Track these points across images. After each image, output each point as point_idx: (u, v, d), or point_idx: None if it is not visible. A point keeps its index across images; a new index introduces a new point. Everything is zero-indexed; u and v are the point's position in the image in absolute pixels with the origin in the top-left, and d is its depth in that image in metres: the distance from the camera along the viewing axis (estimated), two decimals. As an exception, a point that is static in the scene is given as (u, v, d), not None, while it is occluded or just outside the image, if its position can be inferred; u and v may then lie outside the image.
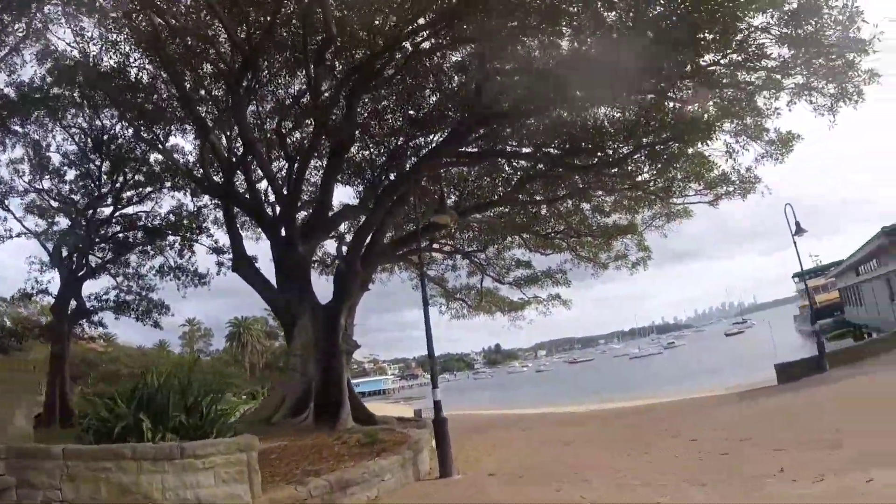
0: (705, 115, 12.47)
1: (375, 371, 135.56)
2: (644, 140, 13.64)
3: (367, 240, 15.07)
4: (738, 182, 14.53)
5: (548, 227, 18.55)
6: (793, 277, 66.73)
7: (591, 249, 19.16)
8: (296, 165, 15.16)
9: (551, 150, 14.99)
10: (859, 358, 15.22)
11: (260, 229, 16.64)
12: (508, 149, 15.77)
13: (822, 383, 13.06)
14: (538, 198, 17.05)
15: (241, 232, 16.37)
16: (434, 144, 15.20)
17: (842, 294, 43.11)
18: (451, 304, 22.32)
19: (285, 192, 15.14)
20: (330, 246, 18.89)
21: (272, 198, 16.05)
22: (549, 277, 20.35)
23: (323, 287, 16.69)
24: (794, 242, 16.87)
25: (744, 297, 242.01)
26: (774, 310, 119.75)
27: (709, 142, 12.74)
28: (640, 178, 15.11)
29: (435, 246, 19.62)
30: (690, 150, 13.60)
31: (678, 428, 11.05)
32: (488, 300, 21.88)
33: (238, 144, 15.72)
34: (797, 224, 16.69)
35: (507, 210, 17.87)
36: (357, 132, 14.88)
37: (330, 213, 15.35)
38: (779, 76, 11.26)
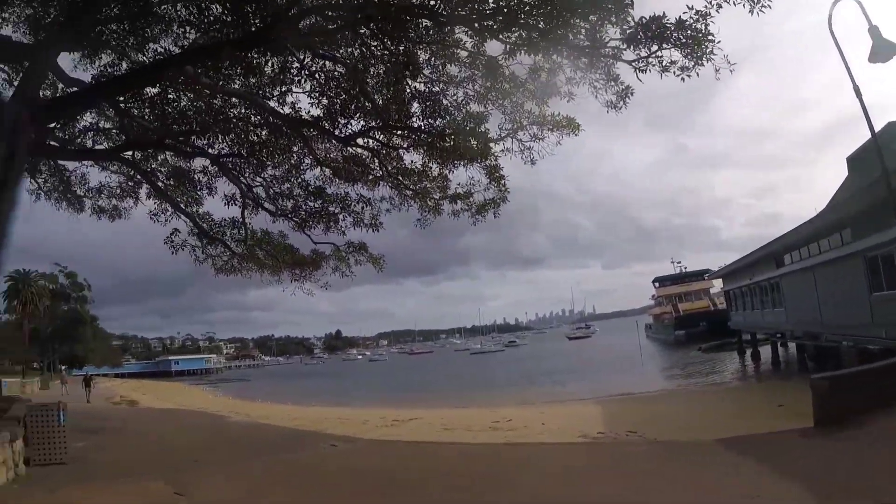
0: None
1: (210, 350, 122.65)
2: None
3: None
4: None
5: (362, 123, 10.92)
6: (653, 282, 66.72)
7: (416, 180, 12.05)
8: None
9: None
10: None
11: None
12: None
13: None
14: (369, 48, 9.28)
15: None
16: None
17: (730, 297, 35.82)
18: (208, 247, 13.57)
19: None
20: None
21: None
22: (348, 211, 12.59)
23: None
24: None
25: (585, 305, 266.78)
26: (616, 320, 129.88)
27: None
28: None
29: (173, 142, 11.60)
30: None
31: None
32: (266, 247, 13.62)
33: None
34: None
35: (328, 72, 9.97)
36: None
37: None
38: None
